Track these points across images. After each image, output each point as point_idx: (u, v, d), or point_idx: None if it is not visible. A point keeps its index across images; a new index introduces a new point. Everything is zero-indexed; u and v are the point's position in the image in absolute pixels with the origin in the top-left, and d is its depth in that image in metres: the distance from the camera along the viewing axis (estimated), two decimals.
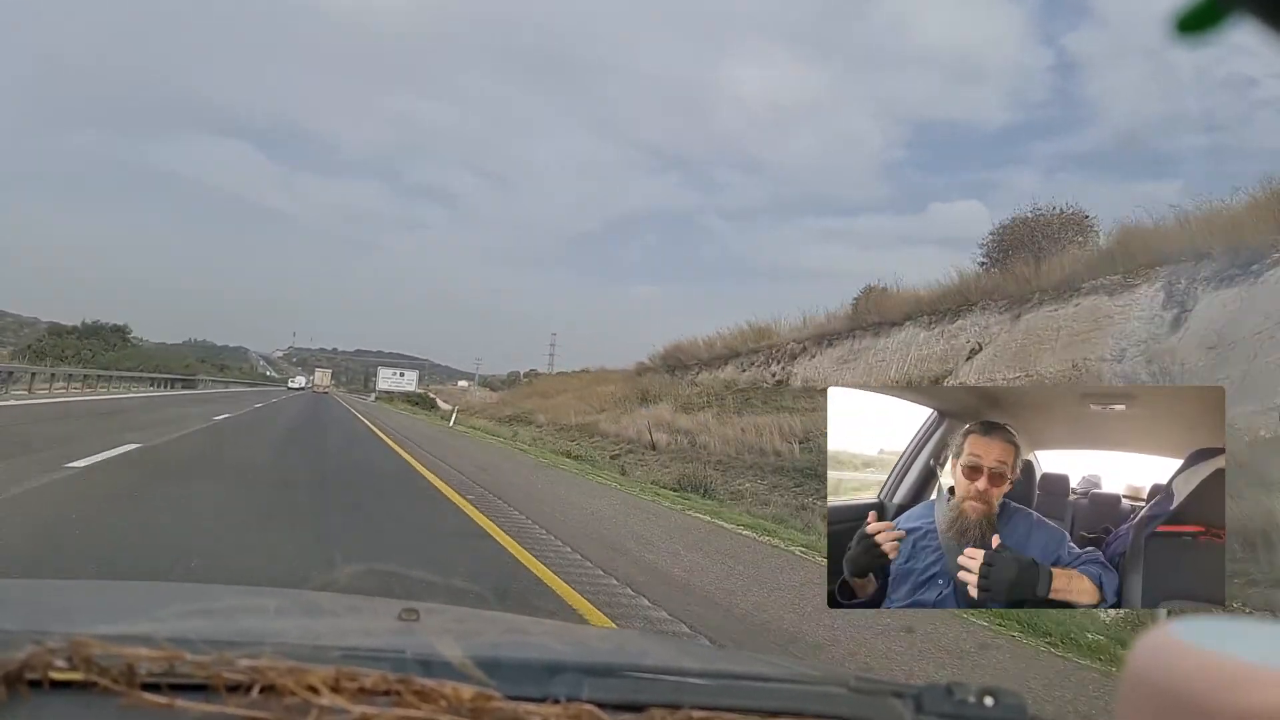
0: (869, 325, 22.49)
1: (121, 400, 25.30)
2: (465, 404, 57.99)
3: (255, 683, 0.68)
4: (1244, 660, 0.45)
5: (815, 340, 24.43)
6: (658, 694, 0.76)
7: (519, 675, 0.76)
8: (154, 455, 9.98)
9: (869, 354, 21.87)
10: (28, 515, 5.48)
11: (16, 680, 0.66)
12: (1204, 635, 0.48)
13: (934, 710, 0.77)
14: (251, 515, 6.43)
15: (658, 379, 30.86)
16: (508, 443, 22.64)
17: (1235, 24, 0.47)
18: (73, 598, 1.45)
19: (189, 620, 1.01)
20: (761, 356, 26.43)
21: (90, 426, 13.59)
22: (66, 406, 18.97)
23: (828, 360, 23.35)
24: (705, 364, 29.40)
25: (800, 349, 24.87)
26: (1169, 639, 0.49)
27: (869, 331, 22.40)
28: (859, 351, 22.29)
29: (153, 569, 4.28)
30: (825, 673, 1.08)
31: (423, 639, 0.92)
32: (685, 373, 30.02)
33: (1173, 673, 0.47)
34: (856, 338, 22.78)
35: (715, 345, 29.75)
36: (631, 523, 8.58)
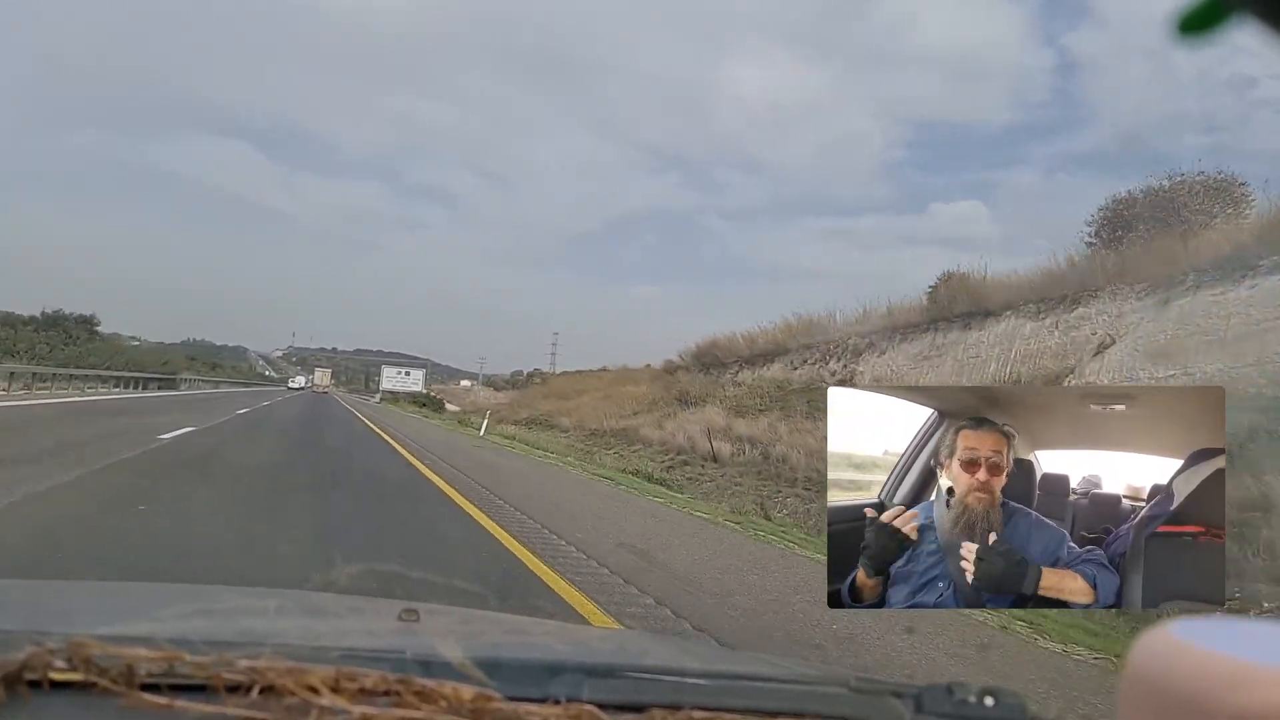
0: (955, 316, 19.43)
1: (36, 409, 16.58)
2: (472, 404, 56.08)
3: (255, 683, 0.68)
4: (1244, 660, 0.45)
5: (885, 334, 21.70)
6: (658, 694, 0.76)
7: (519, 676, 0.76)
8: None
9: (957, 349, 19.01)
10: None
11: (16, 681, 0.66)
12: (1204, 635, 0.48)
13: (934, 710, 0.77)
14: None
15: (693, 378, 28.14)
16: (576, 465, 16.45)
17: (1237, 25, 0.47)
18: (72, 598, 1.45)
19: (189, 621, 1.01)
20: (815, 353, 23.78)
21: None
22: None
23: (902, 356, 20.58)
24: (746, 361, 26.69)
25: (865, 344, 22.23)
26: (1169, 638, 0.49)
27: (956, 323, 19.38)
28: (944, 346, 19.43)
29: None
30: (825, 673, 1.08)
31: (423, 639, 0.92)
32: (723, 371, 27.47)
33: (1173, 672, 0.47)
34: (940, 330, 19.81)
35: (756, 341, 27.07)
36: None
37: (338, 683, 0.68)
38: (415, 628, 1.05)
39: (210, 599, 1.34)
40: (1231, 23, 0.47)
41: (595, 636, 1.61)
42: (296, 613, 1.27)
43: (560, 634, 1.23)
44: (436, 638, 0.85)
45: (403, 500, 8.70)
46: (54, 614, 1.21)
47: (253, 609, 1.25)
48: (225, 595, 1.41)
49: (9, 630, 0.81)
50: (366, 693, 0.68)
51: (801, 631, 4.68)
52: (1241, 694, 0.44)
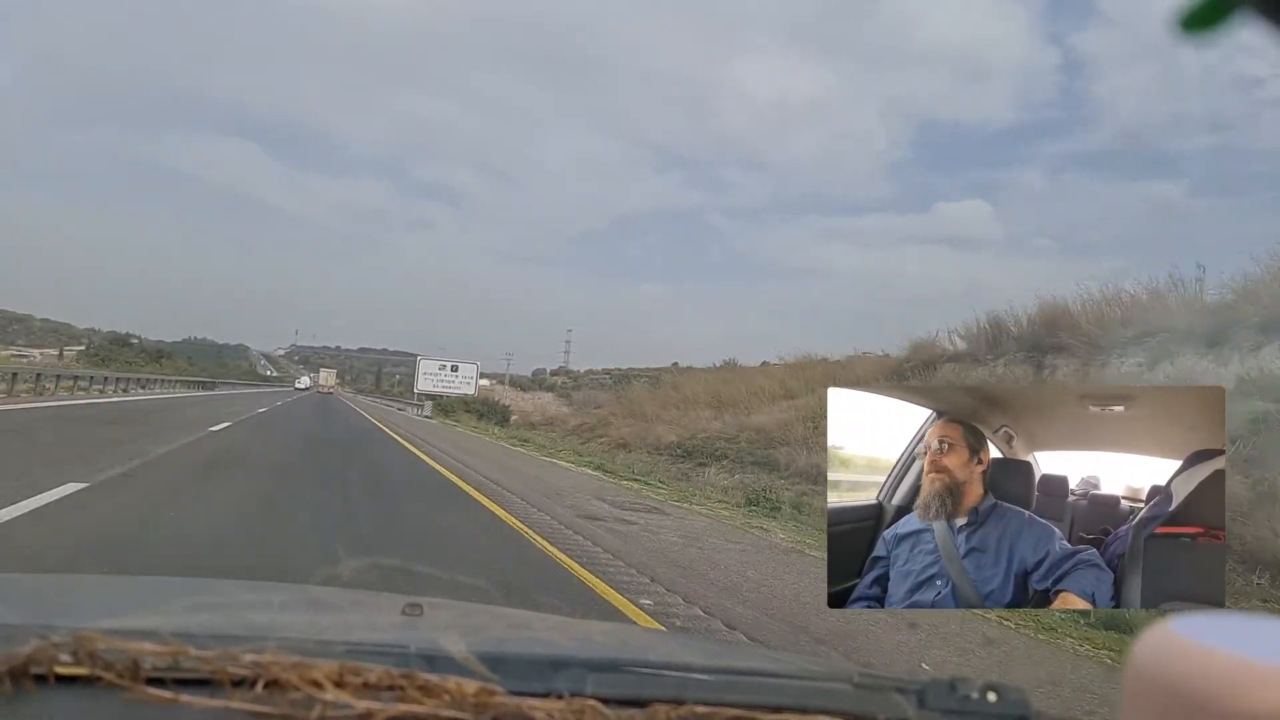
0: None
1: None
2: (521, 413, 41.34)
3: (259, 677, 0.68)
4: (1246, 657, 0.46)
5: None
6: (661, 689, 0.76)
7: (523, 670, 0.76)
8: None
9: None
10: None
11: (21, 675, 0.66)
12: (1205, 632, 0.48)
13: (937, 706, 0.77)
14: None
15: (1015, 373, 16.20)
16: None
17: (1240, 23, 0.47)
18: (77, 592, 1.45)
19: (193, 615, 1.01)
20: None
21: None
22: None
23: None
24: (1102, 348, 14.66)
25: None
26: (1171, 636, 0.49)
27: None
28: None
29: None
30: (829, 668, 1.08)
31: (427, 634, 0.93)
32: (1063, 356, 15.70)
33: (1174, 670, 0.47)
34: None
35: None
36: None
37: (341, 677, 0.68)
38: (419, 622, 1.05)
39: (214, 593, 1.35)
40: (1234, 20, 0.47)
41: (598, 631, 1.61)
42: (300, 607, 1.27)
43: (563, 629, 1.23)
44: (440, 632, 0.85)
45: None
46: (59, 608, 1.21)
47: (257, 603, 1.26)
48: (229, 589, 1.42)
49: (14, 624, 0.81)
50: (370, 687, 0.68)
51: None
52: (1243, 691, 0.44)
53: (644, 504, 10.62)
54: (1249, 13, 0.47)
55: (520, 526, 7.68)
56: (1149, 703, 0.48)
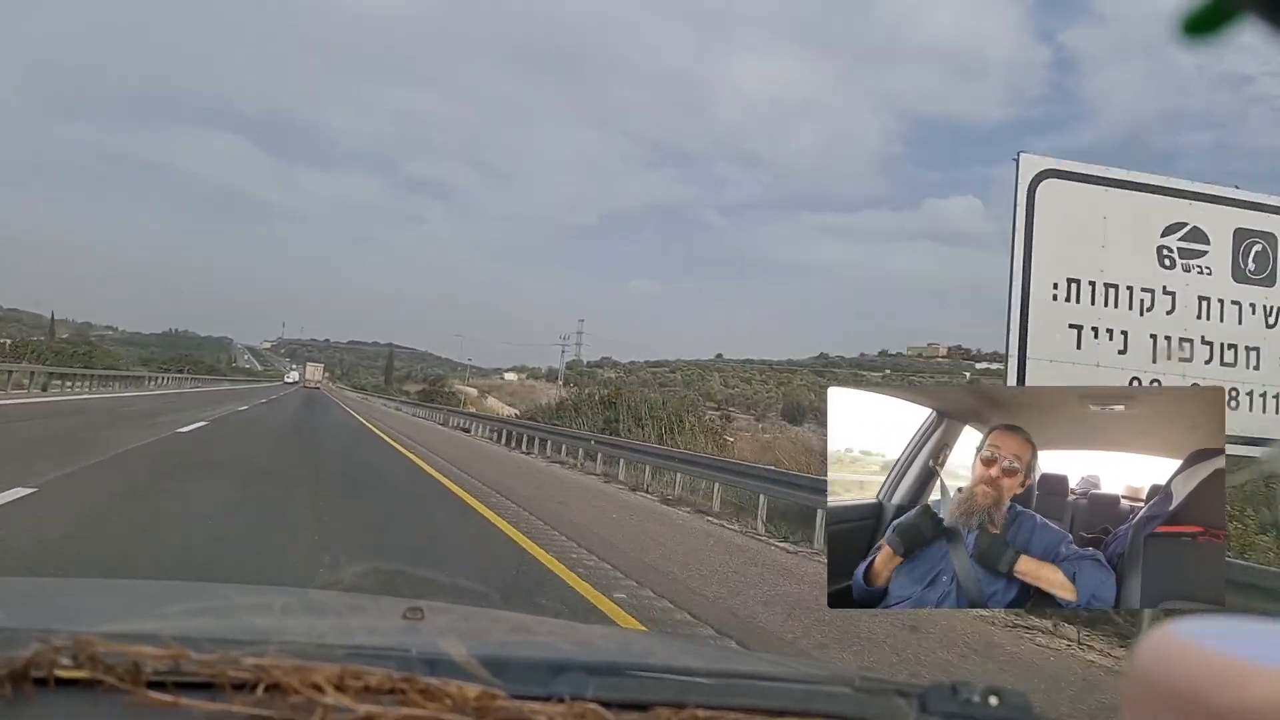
0: None
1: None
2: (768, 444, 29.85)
3: (260, 681, 0.68)
4: (1246, 659, 0.45)
5: None
6: (663, 693, 0.76)
7: (524, 674, 0.76)
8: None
9: None
10: None
11: (22, 678, 0.66)
12: (1206, 634, 0.48)
13: (939, 709, 0.77)
14: None
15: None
16: None
17: (1242, 26, 0.47)
18: (78, 596, 1.45)
19: (194, 618, 1.01)
20: None
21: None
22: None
23: None
24: None
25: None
26: (1171, 638, 0.49)
27: None
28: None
29: None
30: (830, 672, 1.08)
31: (428, 638, 0.92)
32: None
33: (1175, 671, 0.47)
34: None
35: None
36: None
37: (342, 681, 0.68)
38: (420, 626, 1.05)
39: (214, 597, 1.34)
40: (1236, 24, 0.47)
41: (600, 635, 1.61)
42: (301, 611, 1.27)
43: (565, 632, 1.23)
44: (441, 636, 0.85)
45: None
46: (59, 611, 1.21)
47: (257, 606, 1.25)
48: (230, 593, 1.41)
49: (15, 628, 0.81)
50: (371, 691, 0.68)
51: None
52: (1244, 693, 0.44)
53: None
54: (1249, 15, 0.47)
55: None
56: (1149, 704, 0.48)
